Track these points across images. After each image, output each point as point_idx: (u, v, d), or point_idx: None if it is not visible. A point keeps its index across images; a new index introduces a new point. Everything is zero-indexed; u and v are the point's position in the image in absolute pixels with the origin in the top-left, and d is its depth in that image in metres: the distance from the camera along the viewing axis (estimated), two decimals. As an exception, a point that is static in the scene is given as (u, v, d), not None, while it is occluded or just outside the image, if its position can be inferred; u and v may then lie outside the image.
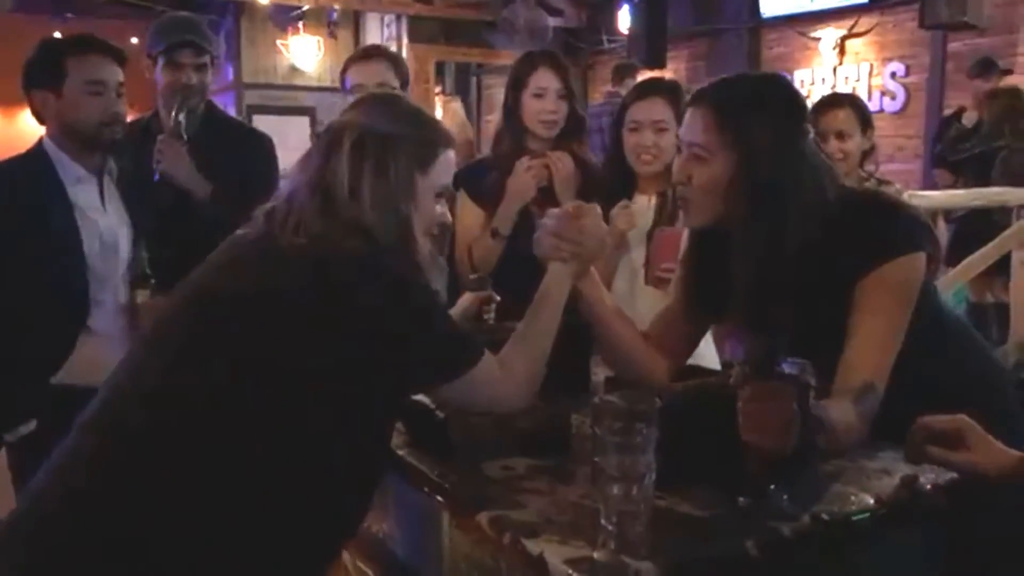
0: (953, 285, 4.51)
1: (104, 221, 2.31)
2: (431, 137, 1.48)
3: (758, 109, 1.55)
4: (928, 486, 1.38)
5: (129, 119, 2.88)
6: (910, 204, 1.66)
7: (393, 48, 9.52)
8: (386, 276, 1.35)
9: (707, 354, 2.11)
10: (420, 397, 1.56)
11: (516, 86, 2.49)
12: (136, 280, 2.31)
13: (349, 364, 1.32)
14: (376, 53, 2.74)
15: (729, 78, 1.65)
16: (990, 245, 4.22)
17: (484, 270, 2.33)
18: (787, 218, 1.52)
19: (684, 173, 1.60)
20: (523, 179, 2.41)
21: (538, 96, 2.45)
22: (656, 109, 2.30)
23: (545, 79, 2.45)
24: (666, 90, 2.36)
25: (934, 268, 1.61)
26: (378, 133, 1.42)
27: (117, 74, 2.30)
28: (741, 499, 1.31)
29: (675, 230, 2.17)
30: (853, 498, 1.35)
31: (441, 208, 1.51)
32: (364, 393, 1.34)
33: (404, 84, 2.65)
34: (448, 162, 1.50)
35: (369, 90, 2.49)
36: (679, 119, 2.28)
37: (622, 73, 6.62)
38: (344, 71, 2.70)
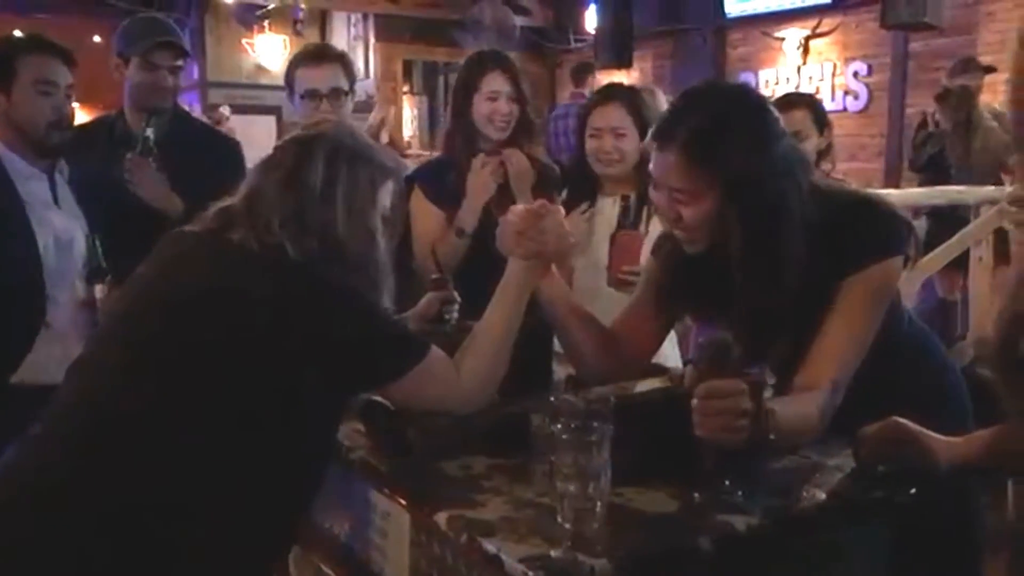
0: (917, 281, 4.58)
1: (58, 219, 2.28)
2: (386, 163, 1.54)
3: (727, 138, 1.47)
4: (879, 481, 1.40)
5: (92, 118, 2.85)
6: (889, 202, 1.64)
7: (360, 48, 9.52)
8: (327, 281, 1.38)
9: (668, 352, 2.13)
10: (379, 397, 1.56)
11: (466, 88, 2.47)
12: (92, 274, 2.29)
13: (290, 365, 1.34)
14: (326, 55, 2.64)
15: (688, 104, 1.54)
16: (950, 241, 4.29)
17: (448, 269, 2.33)
18: (782, 236, 1.48)
19: (672, 212, 1.54)
20: (482, 176, 2.41)
21: (491, 99, 2.43)
22: (615, 115, 2.32)
23: (497, 82, 2.44)
24: (624, 96, 2.38)
25: (910, 267, 1.62)
26: (348, 146, 1.48)
27: (67, 76, 2.29)
28: (696, 495, 1.33)
29: (636, 234, 2.19)
30: (806, 493, 1.37)
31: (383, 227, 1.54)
32: (306, 393, 1.36)
33: (352, 85, 2.61)
34: (390, 189, 1.55)
35: (322, 95, 2.48)
36: (638, 123, 2.31)
37: (581, 74, 6.66)
38: (291, 72, 2.61)
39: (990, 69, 5.57)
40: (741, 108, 1.52)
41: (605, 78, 6.45)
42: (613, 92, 2.42)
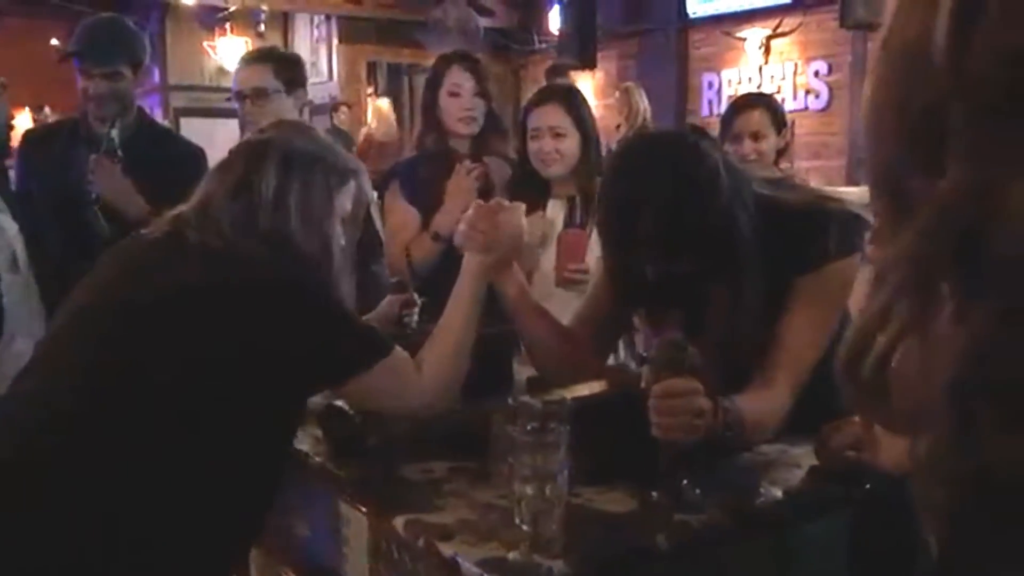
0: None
1: (8, 222, 2.27)
2: (344, 164, 1.54)
3: (684, 229, 1.44)
4: (834, 477, 1.42)
5: (52, 121, 2.83)
6: (842, 200, 1.66)
7: (323, 49, 9.46)
8: (290, 272, 1.39)
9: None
10: (338, 402, 1.56)
11: (432, 86, 2.52)
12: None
13: (252, 360, 1.33)
14: (256, 56, 2.66)
15: (630, 207, 1.47)
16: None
17: (423, 272, 2.33)
18: (741, 262, 1.49)
19: None
20: (465, 183, 2.41)
21: (453, 95, 2.47)
22: (553, 115, 2.32)
23: (460, 77, 2.48)
24: (561, 96, 2.38)
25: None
26: (302, 151, 1.48)
27: None
28: (654, 494, 1.34)
29: (579, 232, 2.19)
30: (763, 491, 1.39)
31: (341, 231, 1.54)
32: (270, 388, 1.36)
33: (295, 85, 2.58)
34: (351, 191, 1.55)
35: (246, 95, 2.49)
36: (577, 123, 2.32)
37: (556, 73, 6.65)
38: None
39: None
40: (680, 186, 1.45)
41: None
42: (550, 93, 2.43)
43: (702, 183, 1.47)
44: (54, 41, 7.48)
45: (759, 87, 7.52)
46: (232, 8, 8.63)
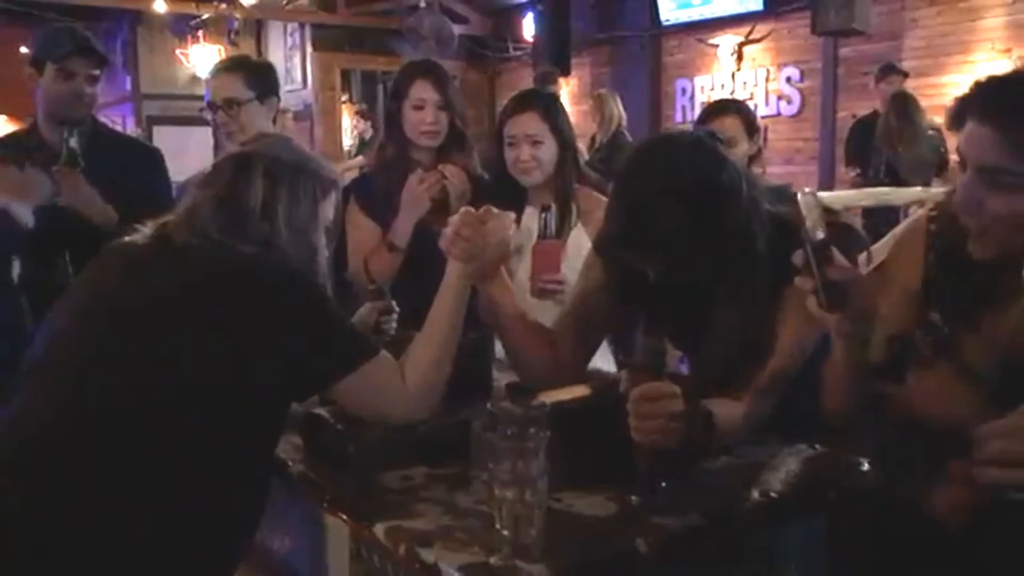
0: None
1: None
2: (326, 174, 1.55)
3: (706, 234, 1.45)
4: (811, 479, 1.44)
5: (8, 132, 2.79)
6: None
7: (297, 57, 9.44)
8: (281, 269, 1.40)
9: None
10: (318, 410, 1.56)
11: (396, 97, 2.49)
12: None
13: (242, 357, 1.33)
14: (224, 66, 2.66)
15: (646, 210, 1.46)
16: (877, 245, 4.39)
17: (382, 283, 2.32)
18: (755, 264, 1.50)
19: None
20: (416, 192, 2.40)
21: (417, 108, 2.44)
22: (530, 123, 2.31)
23: (424, 90, 2.44)
24: (539, 104, 2.37)
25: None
26: (288, 162, 1.49)
27: None
28: (633, 497, 1.35)
29: (554, 243, 2.19)
30: (742, 493, 1.40)
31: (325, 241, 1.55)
32: (259, 388, 1.35)
33: (267, 94, 2.59)
34: (333, 201, 1.56)
35: (218, 105, 2.51)
36: (555, 130, 2.32)
37: (544, 81, 6.66)
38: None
39: (904, 73, 5.90)
40: (702, 188, 1.46)
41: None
42: (527, 100, 2.40)
43: (723, 187, 1.47)
44: (24, 49, 7.41)
45: (732, 93, 7.58)
46: (205, 16, 8.59)
